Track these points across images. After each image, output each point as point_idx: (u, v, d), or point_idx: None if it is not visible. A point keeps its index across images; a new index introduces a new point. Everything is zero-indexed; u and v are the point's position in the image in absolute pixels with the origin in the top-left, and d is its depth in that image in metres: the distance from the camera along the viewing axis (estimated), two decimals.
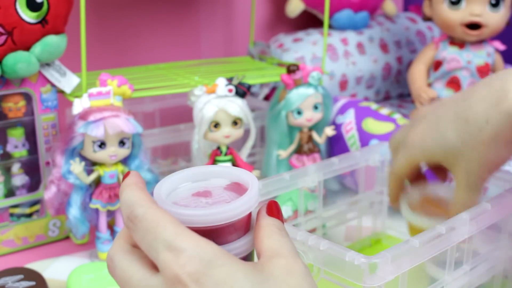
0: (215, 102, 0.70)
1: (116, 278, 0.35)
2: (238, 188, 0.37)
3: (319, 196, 0.67)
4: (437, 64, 1.01)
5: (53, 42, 0.69)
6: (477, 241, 0.55)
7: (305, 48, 1.10)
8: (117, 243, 0.36)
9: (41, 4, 0.67)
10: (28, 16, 0.66)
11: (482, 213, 0.52)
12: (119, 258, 0.35)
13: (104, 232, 0.71)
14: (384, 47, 1.18)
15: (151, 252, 0.33)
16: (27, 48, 0.68)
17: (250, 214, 0.36)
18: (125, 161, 0.70)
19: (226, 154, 0.73)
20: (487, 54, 1.00)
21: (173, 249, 0.32)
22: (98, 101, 0.66)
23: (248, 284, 0.32)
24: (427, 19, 1.06)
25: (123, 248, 0.35)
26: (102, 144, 0.66)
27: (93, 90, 0.66)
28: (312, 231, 0.68)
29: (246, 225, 0.36)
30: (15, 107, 0.71)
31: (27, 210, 0.74)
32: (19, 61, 0.67)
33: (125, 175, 0.36)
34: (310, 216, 0.68)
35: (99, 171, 0.68)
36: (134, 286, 0.33)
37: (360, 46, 1.15)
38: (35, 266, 0.69)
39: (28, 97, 0.72)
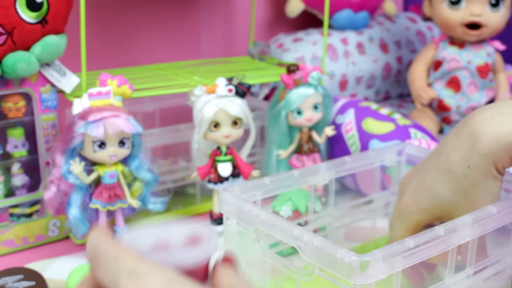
0: (215, 102, 0.70)
1: None
2: (195, 241, 0.37)
3: (329, 195, 0.67)
4: (437, 64, 1.01)
5: (53, 42, 0.69)
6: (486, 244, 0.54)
7: (305, 48, 1.10)
8: None
9: (41, 4, 0.67)
10: (28, 16, 0.66)
11: (487, 216, 0.51)
12: None
13: None
14: (384, 47, 1.18)
15: (113, 284, 0.33)
16: (27, 48, 0.67)
17: (207, 266, 0.36)
18: (125, 161, 0.70)
19: (226, 154, 0.73)
20: (487, 54, 1.00)
21: (134, 276, 0.32)
22: (98, 101, 0.66)
23: None
24: (427, 19, 1.06)
25: None
26: (102, 144, 0.66)
27: (93, 90, 0.66)
28: (316, 230, 0.68)
29: (203, 277, 0.36)
30: (15, 107, 0.71)
31: (27, 210, 0.74)
32: (19, 61, 0.67)
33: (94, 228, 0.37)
34: (318, 215, 0.68)
35: (99, 171, 0.68)
36: None
37: (360, 46, 1.15)
38: (35, 266, 0.69)
39: (28, 97, 0.72)
